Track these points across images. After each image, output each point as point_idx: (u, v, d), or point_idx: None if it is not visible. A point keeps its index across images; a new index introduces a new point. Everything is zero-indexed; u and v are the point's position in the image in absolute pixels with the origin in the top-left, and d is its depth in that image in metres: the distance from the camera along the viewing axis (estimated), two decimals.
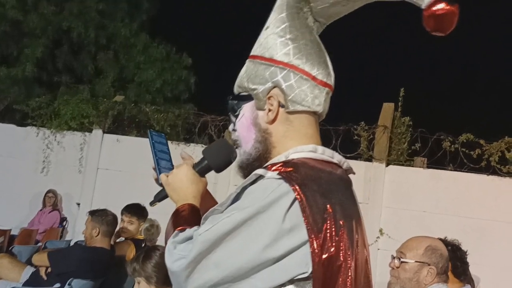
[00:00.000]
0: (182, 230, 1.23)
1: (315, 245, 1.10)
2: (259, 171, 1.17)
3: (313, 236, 1.10)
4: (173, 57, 11.06)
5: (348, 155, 6.66)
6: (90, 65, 10.70)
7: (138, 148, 6.95)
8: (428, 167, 6.42)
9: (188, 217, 1.29)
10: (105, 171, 7.53)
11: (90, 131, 7.76)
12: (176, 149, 6.91)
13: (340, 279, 1.14)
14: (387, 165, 6.56)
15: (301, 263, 1.10)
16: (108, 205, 4.56)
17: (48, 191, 7.41)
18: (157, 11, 11.58)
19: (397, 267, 2.26)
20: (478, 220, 6.02)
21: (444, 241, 2.71)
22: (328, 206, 1.14)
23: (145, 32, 11.00)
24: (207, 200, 1.42)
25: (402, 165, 6.56)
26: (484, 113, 11.81)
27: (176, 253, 1.18)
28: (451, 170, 6.31)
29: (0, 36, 9.14)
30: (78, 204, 7.48)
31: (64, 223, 7.55)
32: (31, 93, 9.21)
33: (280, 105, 1.27)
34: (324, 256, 1.11)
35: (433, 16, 1.13)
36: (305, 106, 1.27)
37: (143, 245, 4.65)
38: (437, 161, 6.38)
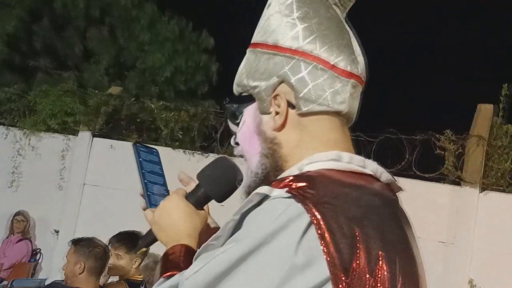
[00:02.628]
0: (169, 277, 1.25)
1: (339, 284, 1.08)
2: (262, 190, 1.16)
3: (336, 272, 1.08)
4: (189, 36, 11.12)
5: (428, 175, 6.66)
6: (78, 45, 10.78)
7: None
8: None
9: (178, 261, 1.31)
10: (93, 188, 7.56)
11: (76, 133, 7.78)
12: (190, 160, 7.12)
13: None
14: (482, 190, 6.48)
15: None
16: (97, 234, 4.51)
17: (17, 213, 7.40)
18: None
19: None
20: None
21: None
22: (357, 231, 1.12)
23: (152, 2, 11.09)
24: (210, 235, 1.38)
25: (503, 191, 6.47)
26: None
27: None
28: None
29: None
30: (57, 232, 7.47)
31: (37, 256, 7.55)
32: None
33: (290, 105, 1.28)
34: None
35: None
36: (323, 105, 1.27)
37: (141, 287, 4.67)
38: None
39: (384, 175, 1.29)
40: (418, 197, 6.10)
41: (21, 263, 7.29)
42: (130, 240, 4.74)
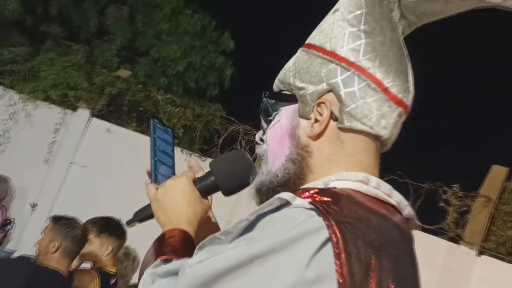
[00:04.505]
0: (166, 261, 1.27)
1: None
2: (285, 195, 1.17)
3: None
4: (209, 35, 11.07)
5: (427, 227, 6.62)
6: (94, 19, 10.73)
7: (134, 146, 6.99)
8: None
9: (176, 246, 1.33)
10: (80, 169, 7.53)
11: (74, 109, 7.77)
12: (186, 161, 7.03)
13: None
14: (480, 253, 6.44)
15: None
16: (75, 215, 4.54)
17: None
18: None
19: None
20: None
21: None
22: (373, 259, 1.12)
23: None
24: (208, 228, 1.46)
25: (502, 259, 6.42)
26: None
27: None
28: None
29: None
30: (33, 205, 7.50)
31: (8, 226, 7.53)
32: (6, 39, 9.32)
33: (333, 117, 1.30)
34: None
35: None
36: (367, 125, 1.29)
37: (112, 280, 4.69)
38: None
39: (407, 209, 1.32)
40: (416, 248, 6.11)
41: None
42: (102, 225, 4.86)
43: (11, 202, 7.64)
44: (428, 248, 6.41)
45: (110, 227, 4.86)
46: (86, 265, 4.78)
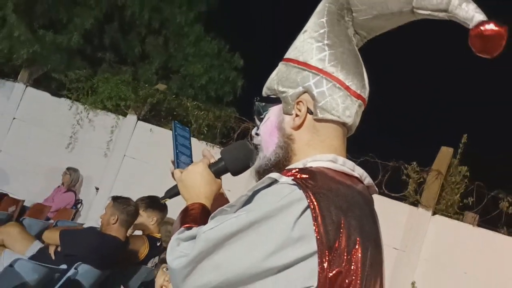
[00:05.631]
0: (188, 228, 1.26)
1: (323, 258, 1.08)
2: (273, 175, 1.17)
3: (322, 248, 1.09)
4: (224, 56, 11.06)
5: (393, 195, 6.64)
6: (138, 47, 10.80)
7: (170, 142, 6.93)
8: (478, 225, 6.28)
9: (197, 216, 1.32)
10: (131, 160, 7.58)
11: (125, 115, 7.81)
12: (209, 151, 7.09)
13: None
14: (434, 214, 6.44)
15: (307, 276, 1.09)
16: (128, 195, 4.47)
17: (67, 169, 7.48)
18: (217, 4, 11.52)
19: None
20: None
21: None
22: (342, 219, 1.12)
23: (201, 24, 11.01)
24: (221, 202, 1.42)
25: (450, 217, 6.44)
26: None
27: (178, 251, 1.20)
28: (504, 234, 6.14)
29: (52, 0, 9.35)
30: (97, 189, 7.55)
31: (79, 205, 7.63)
32: (72, 64, 9.36)
33: (309, 111, 1.29)
34: (332, 273, 1.09)
35: (480, 36, 1.16)
36: (335, 115, 1.28)
37: (158, 243, 4.66)
38: (490, 220, 6.22)
39: (367, 179, 1.31)
40: (383, 211, 5.88)
41: (65, 208, 7.33)
42: (148, 202, 4.77)
43: (81, 187, 7.73)
44: (394, 211, 6.42)
45: (154, 203, 4.76)
46: (139, 232, 4.76)
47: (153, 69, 10.71)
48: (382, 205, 5.94)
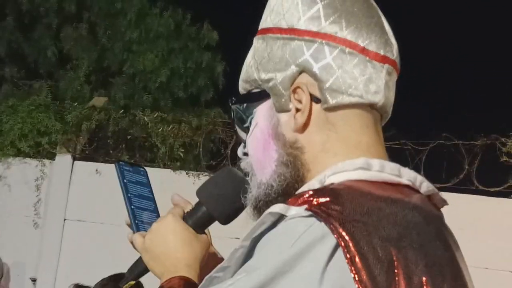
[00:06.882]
0: None
1: None
2: (276, 208, 0.88)
3: None
4: (187, 31, 9.18)
5: (492, 190, 5.17)
6: (51, 48, 8.99)
7: None
8: None
9: None
10: (77, 224, 6.29)
11: (53, 157, 6.52)
12: (195, 184, 5.71)
13: None
14: None
15: None
16: (83, 280, 4.19)
17: None
18: None
19: None
20: None
21: None
22: (394, 254, 0.84)
23: None
24: (214, 266, 1.06)
25: None
26: None
27: None
28: None
29: None
30: (33, 281, 6.22)
31: None
32: None
33: (314, 99, 0.96)
34: None
35: None
36: (355, 95, 0.95)
37: None
38: None
39: (424, 185, 0.98)
40: (481, 217, 4.89)
41: None
42: (113, 286, 4.20)
43: (9, 283, 6.30)
44: (500, 214, 5.06)
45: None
46: None
47: (81, 76, 8.72)
48: (478, 209, 4.88)
